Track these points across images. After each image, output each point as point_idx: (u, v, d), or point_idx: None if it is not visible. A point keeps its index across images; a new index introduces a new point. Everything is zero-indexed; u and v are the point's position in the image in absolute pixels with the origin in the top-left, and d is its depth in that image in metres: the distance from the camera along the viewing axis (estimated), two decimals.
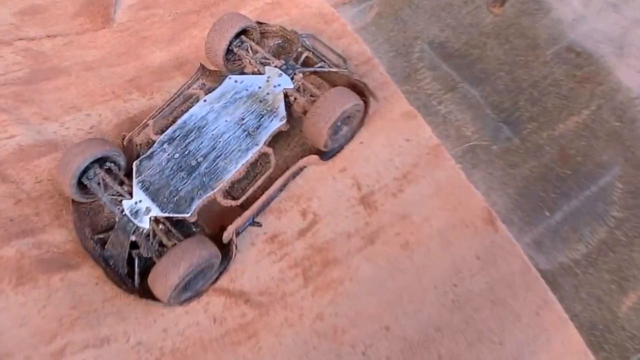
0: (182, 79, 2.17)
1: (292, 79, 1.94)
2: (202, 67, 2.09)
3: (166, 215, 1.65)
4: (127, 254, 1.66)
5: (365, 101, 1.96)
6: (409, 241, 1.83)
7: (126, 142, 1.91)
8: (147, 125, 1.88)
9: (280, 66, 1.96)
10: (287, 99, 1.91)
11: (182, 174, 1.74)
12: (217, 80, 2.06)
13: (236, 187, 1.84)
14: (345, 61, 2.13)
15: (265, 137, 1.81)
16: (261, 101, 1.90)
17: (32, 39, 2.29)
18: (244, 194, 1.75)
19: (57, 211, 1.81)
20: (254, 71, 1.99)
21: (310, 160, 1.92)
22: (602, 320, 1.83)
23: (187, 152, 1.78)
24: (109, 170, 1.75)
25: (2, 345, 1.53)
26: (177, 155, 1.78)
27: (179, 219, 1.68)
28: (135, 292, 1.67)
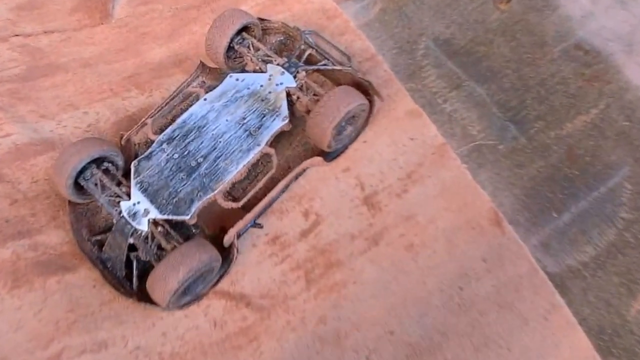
0: (181, 76, 2.14)
1: (294, 77, 1.89)
2: (202, 64, 2.05)
3: (165, 217, 1.62)
4: (125, 256, 1.62)
5: (370, 100, 1.92)
6: (414, 243, 1.79)
7: (124, 141, 1.88)
8: (146, 124, 1.85)
9: (282, 64, 1.92)
10: (289, 97, 1.87)
11: (181, 174, 1.70)
12: (218, 78, 2.02)
13: (237, 188, 1.81)
14: (349, 59, 2.09)
15: (267, 137, 1.77)
16: (263, 100, 1.86)
17: (29, 35, 2.26)
18: (245, 195, 1.72)
19: (54, 212, 1.78)
20: (256, 69, 1.95)
21: (313, 162, 1.89)
22: (611, 324, 1.80)
23: (186, 152, 1.74)
24: (106, 170, 1.72)
25: None
26: (176, 155, 1.74)
27: (178, 221, 1.65)
28: (133, 295, 1.64)
